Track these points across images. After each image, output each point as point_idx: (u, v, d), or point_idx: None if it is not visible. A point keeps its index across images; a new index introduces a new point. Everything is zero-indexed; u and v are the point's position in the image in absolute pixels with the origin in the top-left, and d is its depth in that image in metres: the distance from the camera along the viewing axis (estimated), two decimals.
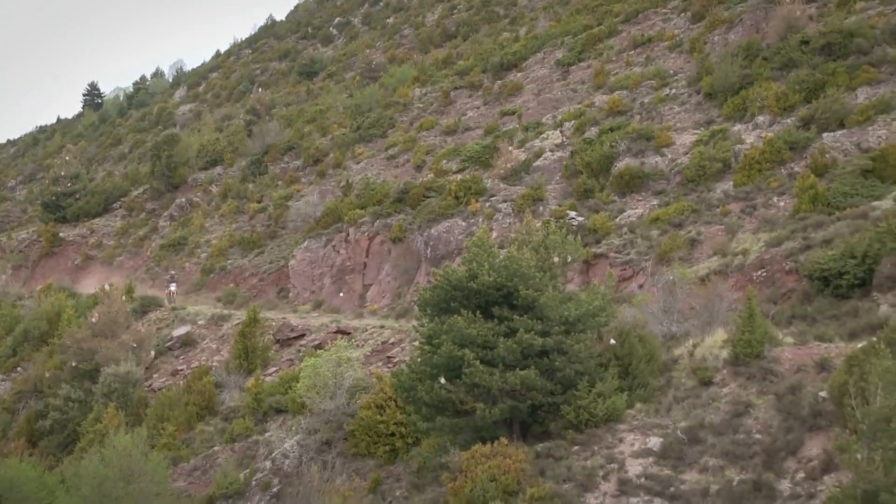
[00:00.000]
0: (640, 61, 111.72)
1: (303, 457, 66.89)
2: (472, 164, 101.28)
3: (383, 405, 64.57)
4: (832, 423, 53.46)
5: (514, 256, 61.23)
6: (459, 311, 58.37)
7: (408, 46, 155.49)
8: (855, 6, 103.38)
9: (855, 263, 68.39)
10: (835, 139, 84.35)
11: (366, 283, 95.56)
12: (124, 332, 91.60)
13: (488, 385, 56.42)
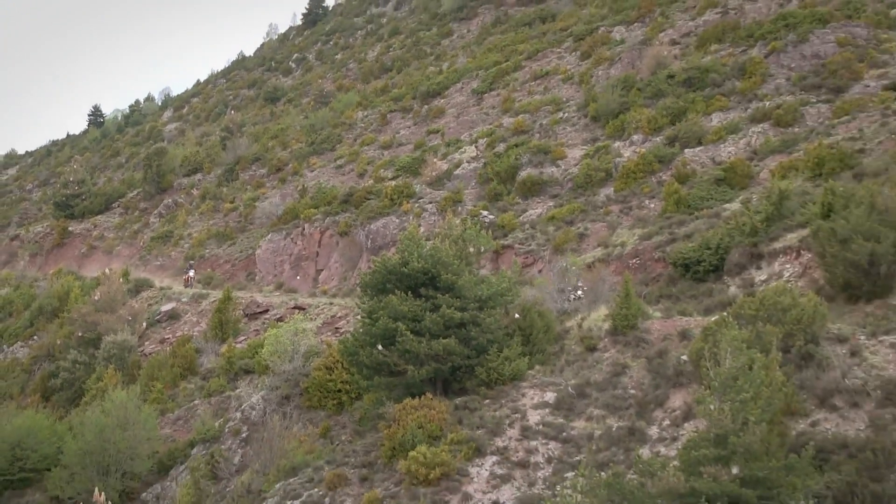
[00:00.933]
0: (540, 91, 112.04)
1: (266, 409, 67.34)
2: (404, 173, 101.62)
3: (332, 367, 65.15)
4: (691, 380, 54.42)
5: (438, 247, 62.06)
6: (394, 291, 59.13)
7: (352, 77, 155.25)
8: (710, 48, 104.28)
9: (710, 253, 69.37)
10: (694, 154, 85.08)
11: (318, 269, 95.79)
12: (121, 308, 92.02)
13: (417, 351, 57.21)
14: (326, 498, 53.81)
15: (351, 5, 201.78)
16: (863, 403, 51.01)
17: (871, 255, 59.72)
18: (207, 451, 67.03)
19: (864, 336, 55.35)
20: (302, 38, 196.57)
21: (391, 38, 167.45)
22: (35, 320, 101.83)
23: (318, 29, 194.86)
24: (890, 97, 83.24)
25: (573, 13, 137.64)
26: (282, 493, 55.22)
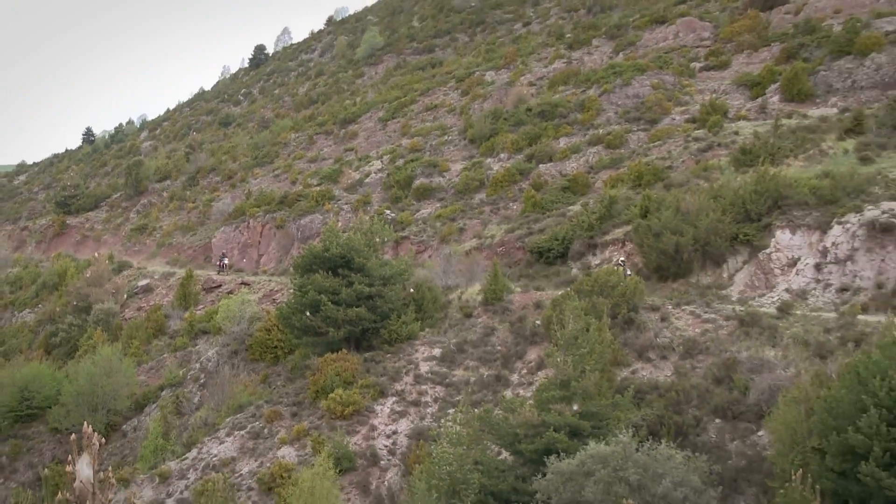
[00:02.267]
0: (430, 119, 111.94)
1: (219, 361, 67.14)
2: (326, 181, 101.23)
3: (270, 329, 65.06)
4: (543, 339, 54.89)
5: (352, 237, 62.20)
6: (318, 271, 59.28)
7: (287, 107, 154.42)
8: (558, 89, 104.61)
9: (558, 243, 69.87)
10: (546, 168, 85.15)
11: (259, 254, 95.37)
12: (107, 283, 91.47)
13: (335, 317, 57.38)
14: (265, 429, 53.79)
15: (286, 53, 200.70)
16: (669, 356, 51.95)
17: (676, 245, 61.23)
18: (173, 393, 66.96)
19: (670, 306, 56.35)
20: (248, 77, 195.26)
21: (317, 78, 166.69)
22: (40, 292, 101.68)
23: (260, 70, 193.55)
24: (690, 128, 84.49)
25: (455, 61, 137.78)
26: (231, 425, 55.22)
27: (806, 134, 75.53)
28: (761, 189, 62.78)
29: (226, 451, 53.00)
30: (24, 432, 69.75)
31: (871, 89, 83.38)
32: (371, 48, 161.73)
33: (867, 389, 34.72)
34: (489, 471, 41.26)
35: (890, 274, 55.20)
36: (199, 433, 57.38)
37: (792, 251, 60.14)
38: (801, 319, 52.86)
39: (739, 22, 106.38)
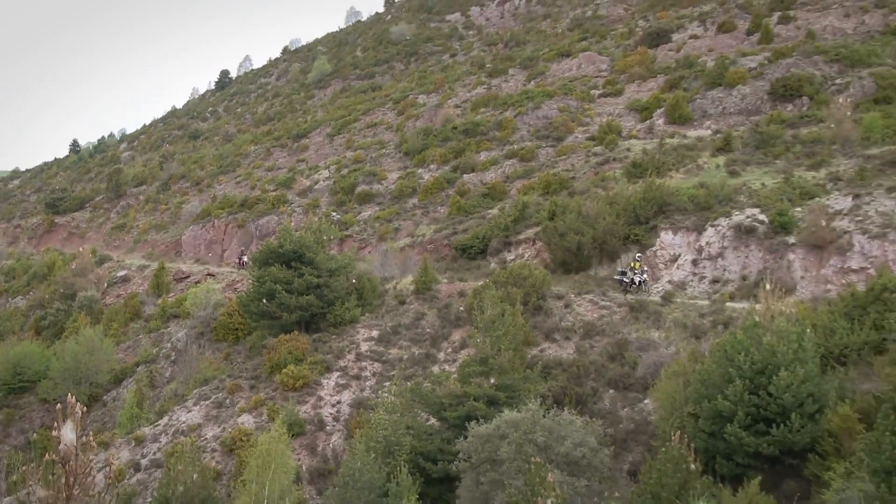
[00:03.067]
0: (371, 135, 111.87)
1: (188, 341, 66.73)
2: (281, 187, 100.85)
3: (232, 313, 64.68)
4: (465, 323, 54.90)
5: (303, 236, 62.00)
6: (274, 264, 59.04)
7: (248, 124, 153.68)
8: (480, 110, 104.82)
9: (479, 241, 70.03)
10: (469, 178, 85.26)
11: (223, 249, 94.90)
12: (90, 274, 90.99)
13: (288, 303, 57.22)
14: (227, 399, 53.61)
15: (247, 77, 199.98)
16: (571, 337, 52.44)
17: (578, 243, 61.88)
18: (147, 368, 66.59)
19: (573, 295, 56.80)
20: (214, 97, 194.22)
21: (274, 99, 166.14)
22: (31, 281, 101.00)
23: (225, 91, 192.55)
24: (590, 144, 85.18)
25: (392, 85, 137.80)
26: (197, 396, 54.95)
27: (685, 151, 76.86)
28: (649, 197, 63.75)
29: (193, 418, 52.84)
30: (17, 402, 69.40)
31: (737, 115, 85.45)
32: (320, 74, 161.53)
33: (733, 364, 35.44)
34: (419, 434, 41.41)
35: (752, 268, 56.97)
36: (170, 403, 57.18)
37: (673, 249, 61.28)
38: (681, 306, 53.80)
39: (631, 57, 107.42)
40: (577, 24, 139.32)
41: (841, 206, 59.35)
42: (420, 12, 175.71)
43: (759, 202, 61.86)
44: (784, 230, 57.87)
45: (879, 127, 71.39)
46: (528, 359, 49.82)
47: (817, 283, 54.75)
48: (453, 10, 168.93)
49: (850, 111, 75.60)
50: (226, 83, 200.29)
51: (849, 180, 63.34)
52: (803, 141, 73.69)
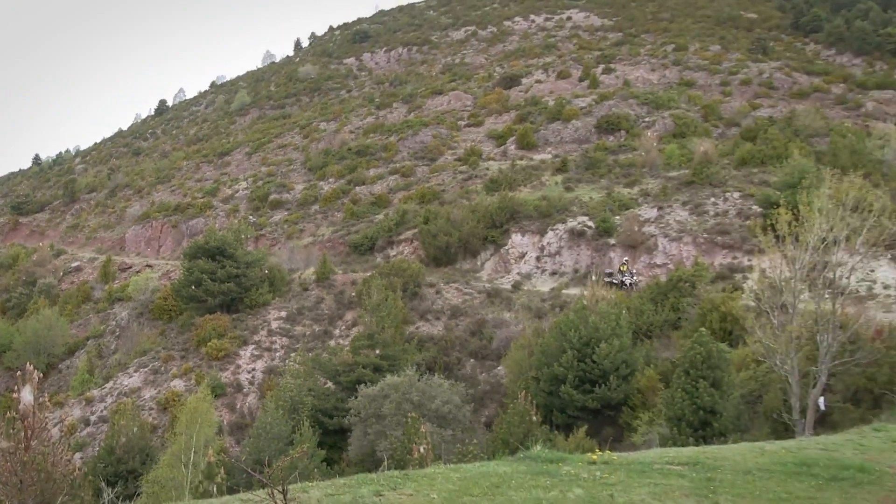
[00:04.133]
0: (281, 154, 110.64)
1: (130, 319, 65.41)
2: (208, 195, 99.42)
3: (166, 297, 63.46)
4: (356, 306, 54.76)
5: (225, 234, 61.38)
6: (201, 257, 58.21)
7: (181, 143, 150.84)
8: (370, 135, 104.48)
9: (368, 240, 69.86)
10: (360, 189, 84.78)
11: (160, 245, 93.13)
12: (48, 265, 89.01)
13: (213, 290, 56.50)
14: (162, 367, 52.83)
15: (181, 105, 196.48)
16: (441, 317, 52.75)
17: (446, 243, 62.38)
18: (96, 342, 65.11)
19: (442, 283, 57.10)
20: (154, 121, 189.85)
21: (202, 123, 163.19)
22: None
23: (163, 116, 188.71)
24: (457, 164, 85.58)
25: (300, 114, 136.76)
26: (137, 364, 54.04)
27: (531, 171, 77.81)
28: (502, 206, 64.48)
29: (133, 382, 52.03)
30: None
31: (571, 143, 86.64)
32: (241, 104, 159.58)
33: (566, 338, 36.37)
34: (318, 395, 41.44)
35: (582, 263, 58.73)
36: (115, 370, 56.16)
37: (522, 248, 62.07)
38: (527, 293, 54.74)
39: (489, 96, 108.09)
40: (448, 69, 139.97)
41: (649, 216, 61.00)
42: (322, 56, 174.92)
43: (587, 211, 63.25)
44: (607, 233, 59.31)
45: (677, 155, 73.97)
46: (406, 334, 50.18)
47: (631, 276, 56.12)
48: (349, 55, 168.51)
49: (656, 142, 77.88)
50: (163, 110, 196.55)
51: (654, 195, 65.00)
52: (621, 164, 75.65)
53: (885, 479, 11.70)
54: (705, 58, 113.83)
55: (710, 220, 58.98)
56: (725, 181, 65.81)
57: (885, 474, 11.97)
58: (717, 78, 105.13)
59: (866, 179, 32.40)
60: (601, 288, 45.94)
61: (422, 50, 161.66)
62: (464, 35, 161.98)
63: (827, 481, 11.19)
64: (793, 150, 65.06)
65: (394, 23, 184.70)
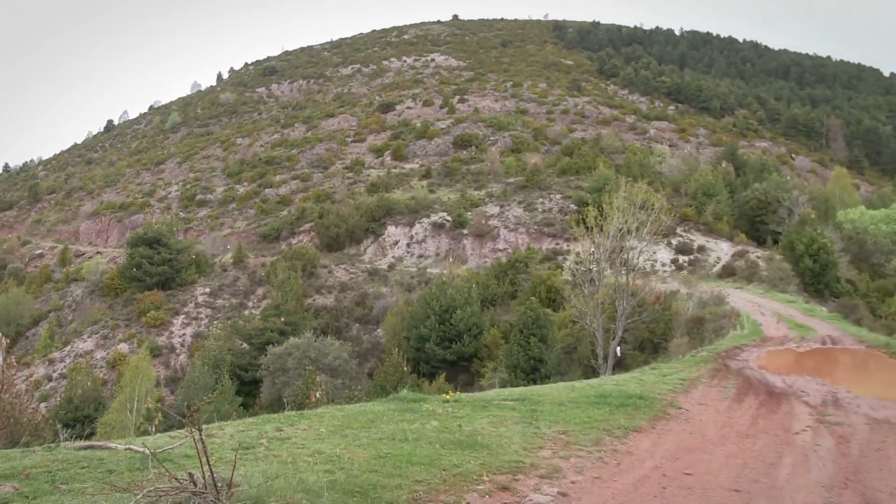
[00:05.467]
0: (206, 163, 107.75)
1: (83, 296, 62.73)
2: (146, 195, 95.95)
3: (114, 277, 60.96)
4: (266, 283, 53.79)
5: (161, 227, 59.54)
6: (141, 245, 56.31)
7: (124, 154, 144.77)
8: (275, 149, 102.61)
9: (275, 231, 68.46)
10: (269, 191, 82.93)
11: (108, 237, 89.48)
12: (16, 252, 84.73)
13: (151, 271, 54.80)
14: (110, 333, 51.01)
15: (125, 124, 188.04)
16: (332, 292, 52.28)
17: (337, 233, 61.74)
18: (56, 314, 62.25)
19: (333, 265, 56.48)
20: (103, 136, 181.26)
21: (142, 138, 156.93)
22: None
23: (110, 133, 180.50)
24: (345, 172, 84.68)
25: (221, 131, 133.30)
26: (90, 331, 52.06)
27: (403, 177, 77.93)
28: (380, 204, 64.44)
29: (87, 346, 50.26)
30: None
31: (434, 156, 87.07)
32: (173, 123, 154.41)
33: (430, 307, 36.61)
34: (236, 354, 40.75)
35: (442, 249, 59.44)
36: (72, 336, 54.01)
37: (395, 237, 62.15)
38: (400, 272, 54.88)
39: (371, 118, 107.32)
40: (338, 97, 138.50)
41: (493, 212, 61.91)
42: (239, 85, 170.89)
43: (446, 209, 63.71)
44: (461, 226, 59.90)
45: (514, 166, 75.20)
46: (305, 305, 49.66)
47: (480, 258, 56.79)
48: (261, 85, 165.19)
49: (498, 156, 78.83)
50: (111, 128, 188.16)
51: (497, 196, 65.96)
52: (472, 172, 76.38)
53: (655, 403, 12.40)
54: (535, 92, 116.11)
55: (539, 215, 60.40)
56: (550, 186, 67.40)
57: (656, 399, 12.71)
58: (545, 108, 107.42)
59: (650, 186, 33.75)
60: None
61: (318, 82, 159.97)
62: (351, 71, 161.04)
63: (617, 407, 11.72)
64: (599, 163, 67.22)
65: (296, 60, 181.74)
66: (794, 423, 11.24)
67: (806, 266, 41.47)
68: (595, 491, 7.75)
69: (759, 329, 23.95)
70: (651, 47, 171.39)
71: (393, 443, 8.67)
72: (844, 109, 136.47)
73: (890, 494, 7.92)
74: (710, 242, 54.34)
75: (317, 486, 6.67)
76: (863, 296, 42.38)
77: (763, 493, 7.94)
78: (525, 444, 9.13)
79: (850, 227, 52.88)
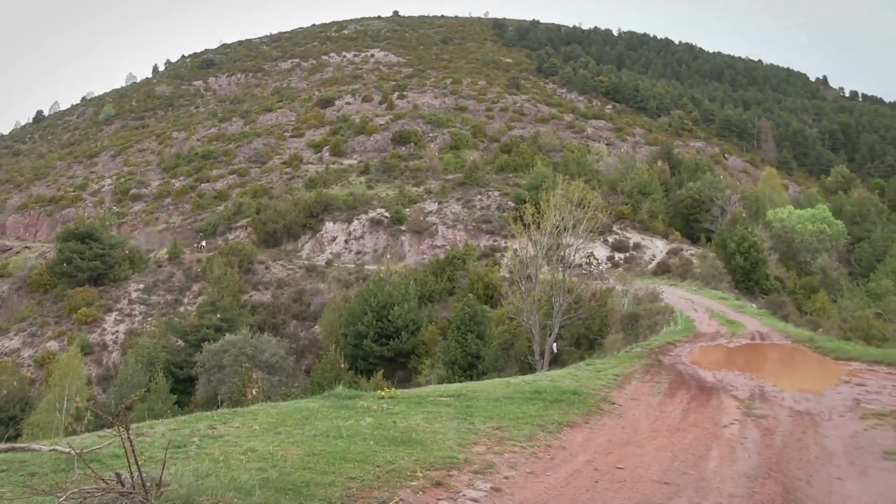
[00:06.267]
0: (141, 157, 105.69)
1: (10, 291, 60.77)
2: (78, 189, 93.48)
3: (42, 273, 59.14)
4: (202, 279, 52.86)
5: (93, 221, 58.21)
6: (72, 240, 54.85)
7: (55, 146, 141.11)
8: (213, 142, 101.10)
9: (211, 227, 67.48)
10: (205, 186, 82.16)
11: (37, 231, 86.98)
12: None
13: (83, 266, 53.44)
14: (39, 331, 49.59)
15: (56, 115, 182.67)
16: (270, 288, 51.80)
17: (274, 229, 61.43)
18: None
19: (271, 261, 56.10)
20: (32, 128, 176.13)
21: (74, 130, 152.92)
22: None
23: (40, 124, 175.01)
24: (283, 167, 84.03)
25: (156, 125, 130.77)
26: (17, 329, 50.48)
27: (342, 173, 77.90)
28: (318, 200, 64.19)
29: (14, 344, 48.81)
30: None
31: (373, 152, 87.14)
32: (107, 115, 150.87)
33: (367, 303, 36.51)
34: (171, 351, 40.16)
35: (380, 245, 59.79)
36: None
37: (333, 233, 62.04)
38: (338, 268, 54.81)
39: (309, 113, 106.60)
40: (277, 92, 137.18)
41: (431, 208, 62.09)
42: (176, 78, 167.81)
43: (385, 205, 63.77)
44: (399, 222, 59.94)
45: (453, 163, 75.41)
46: (242, 301, 49.10)
47: (418, 254, 56.87)
48: (198, 79, 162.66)
49: (437, 152, 79.14)
50: (40, 119, 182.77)
51: (436, 193, 66.18)
52: (411, 169, 76.52)
53: (589, 398, 12.59)
54: (475, 90, 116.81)
55: (477, 212, 60.73)
56: (489, 183, 67.83)
57: (590, 395, 12.89)
58: (484, 105, 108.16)
59: (587, 184, 34.22)
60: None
61: (256, 76, 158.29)
62: (290, 65, 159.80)
63: (551, 403, 11.85)
64: (537, 161, 67.82)
65: (234, 53, 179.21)
66: (723, 417, 11.54)
67: (737, 264, 42.68)
68: (528, 486, 7.85)
69: (692, 325, 24.49)
70: (589, 47, 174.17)
71: (327, 440, 8.63)
72: (774, 112, 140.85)
73: (807, 482, 8.20)
74: (646, 240, 55.43)
75: (249, 485, 6.61)
76: (790, 292, 43.86)
77: (691, 484, 8.14)
78: (459, 440, 9.18)
79: (778, 226, 54.60)
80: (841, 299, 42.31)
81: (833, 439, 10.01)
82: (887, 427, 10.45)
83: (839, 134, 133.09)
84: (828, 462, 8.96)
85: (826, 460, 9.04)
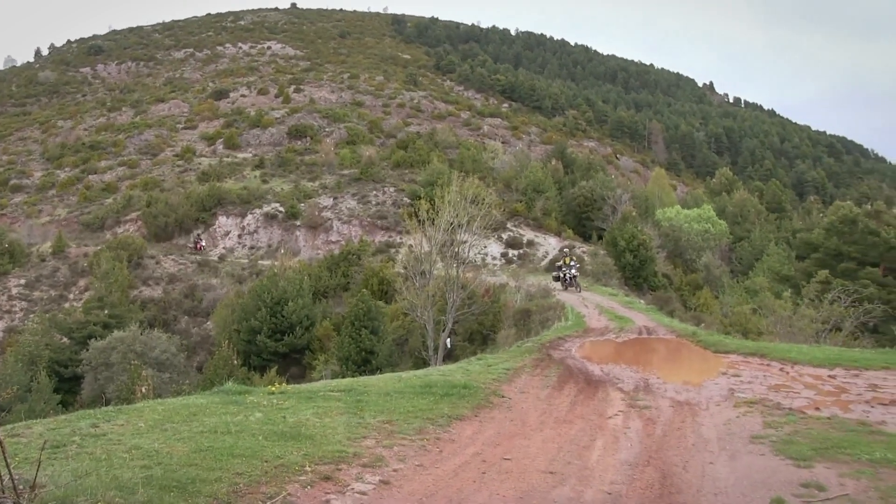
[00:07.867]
0: (22, 146, 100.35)
1: None
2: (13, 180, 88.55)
3: None
4: (88, 274, 50.76)
5: None
6: None
7: None
8: (101, 133, 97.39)
9: (98, 220, 65.21)
10: (93, 178, 78.98)
11: None
12: None
13: None
14: None
15: None
16: (160, 283, 50.63)
17: (166, 223, 60.66)
18: None
19: (162, 255, 54.81)
20: None
21: None
22: None
23: None
24: (175, 159, 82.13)
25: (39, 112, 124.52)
26: None
27: (236, 166, 76.80)
28: (212, 194, 63.09)
29: None
30: None
31: (268, 145, 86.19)
32: None
33: (261, 298, 36.29)
34: (55, 349, 38.47)
35: (275, 240, 59.49)
36: None
37: (227, 228, 61.12)
38: (231, 263, 53.90)
39: (203, 105, 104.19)
40: (170, 82, 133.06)
41: (327, 203, 62.01)
42: (61, 64, 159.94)
43: (279, 199, 63.22)
44: (294, 217, 59.52)
45: (349, 158, 75.28)
46: (131, 297, 47.64)
47: (313, 250, 56.60)
48: (85, 65, 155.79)
49: (333, 147, 78.89)
50: None
51: (331, 188, 65.98)
52: (307, 163, 75.99)
53: (479, 392, 12.86)
54: (372, 85, 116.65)
55: (373, 208, 60.82)
56: (384, 178, 67.95)
57: (480, 389, 13.14)
58: (381, 101, 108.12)
59: (482, 181, 34.77)
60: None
61: (148, 65, 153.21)
62: (183, 55, 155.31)
63: (441, 397, 12.05)
64: (433, 158, 68.36)
65: (125, 40, 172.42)
66: (609, 409, 12.00)
67: (627, 261, 44.26)
68: (416, 478, 8.03)
69: (583, 321, 25.15)
70: (487, 46, 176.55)
71: (214, 436, 8.56)
72: (664, 114, 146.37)
73: (683, 467, 8.68)
74: (539, 237, 56.68)
75: (132, 483, 6.50)
76: (676, 289, 45.80)
77: (575, 473, 8.49)
78: (349, 434, 9.26)
79: (667, 225, 56.90)
80: (722, 295, 44.62)
81: (708, 427, 10.63)
82: (756, 414, 11.19)
83: (724, 138, 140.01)
84: (703, 448, 9.52)
85: (701, 447, 9.61)
